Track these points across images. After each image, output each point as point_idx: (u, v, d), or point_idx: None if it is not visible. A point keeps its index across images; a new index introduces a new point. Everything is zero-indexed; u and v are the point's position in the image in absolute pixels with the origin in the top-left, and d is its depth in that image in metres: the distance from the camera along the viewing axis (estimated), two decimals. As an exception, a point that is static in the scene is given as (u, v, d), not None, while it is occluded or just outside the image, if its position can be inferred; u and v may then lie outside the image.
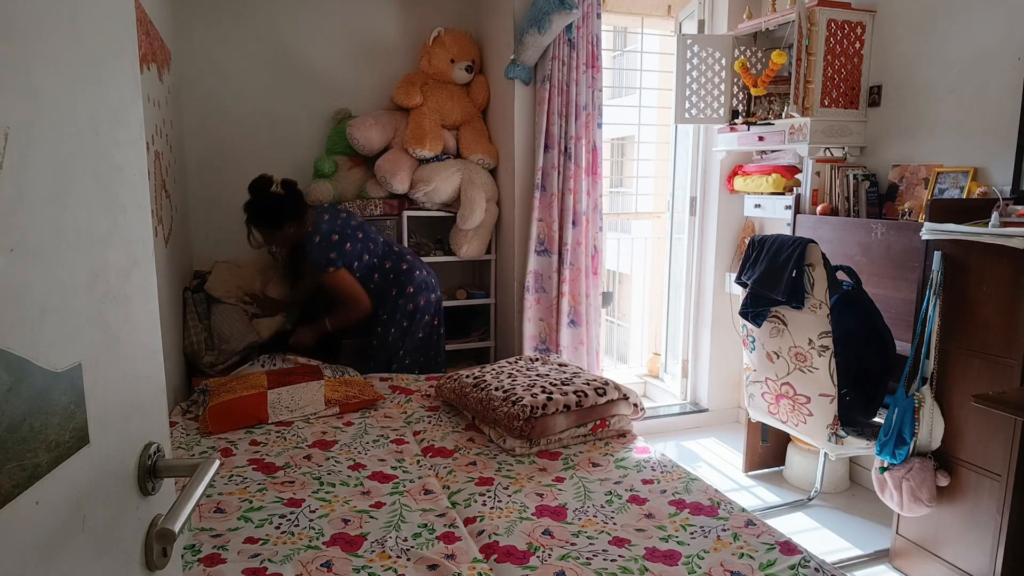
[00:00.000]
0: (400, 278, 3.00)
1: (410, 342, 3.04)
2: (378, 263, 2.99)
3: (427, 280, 3.08)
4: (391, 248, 3.08)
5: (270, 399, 2.38)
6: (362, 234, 2.94)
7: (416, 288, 3.01)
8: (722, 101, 3.37)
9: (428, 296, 3.06)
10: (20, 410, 0.52)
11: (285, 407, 2.39)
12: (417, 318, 3.03)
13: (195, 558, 1.51)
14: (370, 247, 2.96)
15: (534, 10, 3.06)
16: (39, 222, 0.55)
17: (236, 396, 2.35)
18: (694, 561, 1.56)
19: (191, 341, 2.86)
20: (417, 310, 3.02)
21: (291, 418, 2.38)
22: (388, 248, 3.06)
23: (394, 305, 2.99)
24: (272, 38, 3.41)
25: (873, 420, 2.58)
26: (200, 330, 2.89)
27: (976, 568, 2.14)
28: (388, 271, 3.00)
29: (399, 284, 3.00)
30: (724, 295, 3.72)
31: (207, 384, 2.54)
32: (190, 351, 2.86)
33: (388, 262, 3.01)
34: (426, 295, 3.05)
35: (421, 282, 3.05)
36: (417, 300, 3.01)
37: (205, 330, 2.91)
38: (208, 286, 3.04)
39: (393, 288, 2.99)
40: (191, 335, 2.86)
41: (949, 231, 2.12)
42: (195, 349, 2.86)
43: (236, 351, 2.92)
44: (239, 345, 2.92)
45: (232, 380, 2.52)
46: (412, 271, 3.04)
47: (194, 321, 2.89)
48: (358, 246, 2.91)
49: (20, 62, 0.53)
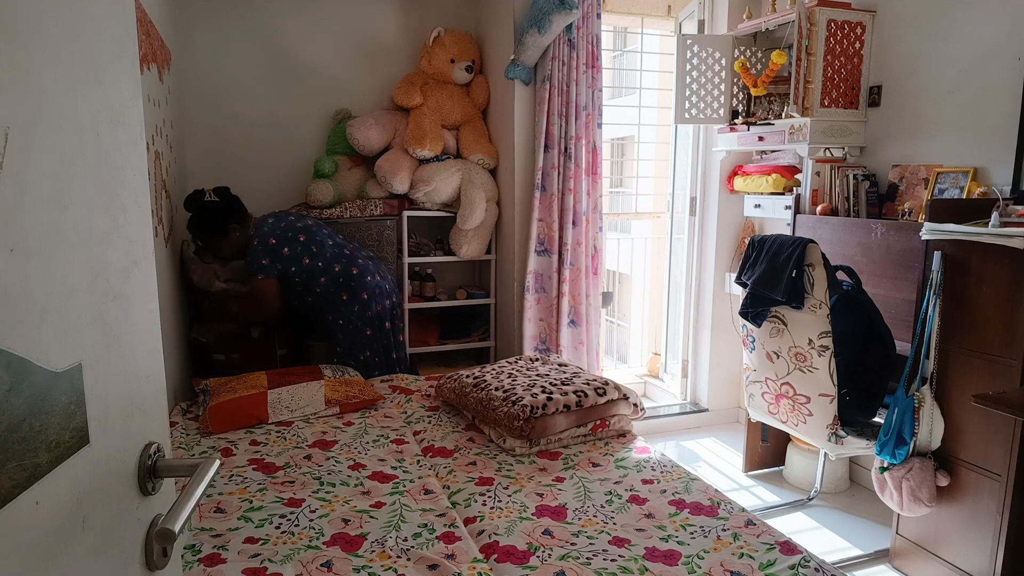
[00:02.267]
0: (350, 283, 2.91)
1: (370, 346, 2.99)
2: (324, 266, 2.87)
3: (381, 286, 3.00)
4: (342, 251, 2.96)
5: (270, 399, 2.38)
6: (305, 237, 2.84)
7: (370, 295, 2.94)
8: (722, 101, 3.37)
9: (383, 302, 2.99)
10: (20, 410, 0.52)
11: (285, 407, 2.39)
12: (376, 324, 2.97)
13: (195, 558, 1.51)
14: (312, 250, 2.85)
15: (534, 10, 3.06)
16: (39, 222, 0.55)
17: (236, 396, 2.36)
18: (694, 561, 1.56)
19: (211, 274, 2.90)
20: (375, 316, 2.96)
21: (291, 418, 2.38)
22: (338, 251, 2.94)
23: (348, 310, 2.91)
24: (272, 38, 3.41)
25: (873, 420, 2.58)
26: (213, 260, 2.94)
27: (976, 568, 2.14)
28: (337, 274, 2.89)
29: (350, 289, 2.91)
30: (724, 295, 3.72)
31: (207, 384, 2.54)
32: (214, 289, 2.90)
33: (337, 265, 2.90)
34: (382, 301, 2.98)
35: (374, 287, 2.96)
36: (373, 306, 2.95)
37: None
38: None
39: (344, 292, 2.90)
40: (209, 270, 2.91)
41: (949, 231, 2.12)
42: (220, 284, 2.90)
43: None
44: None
45: (233, 380, 2.52)
46: (364, 276, 2.94)
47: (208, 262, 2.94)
48: (298, 249, 2.81)
49: (20, 62, 0.53)
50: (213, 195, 2.78)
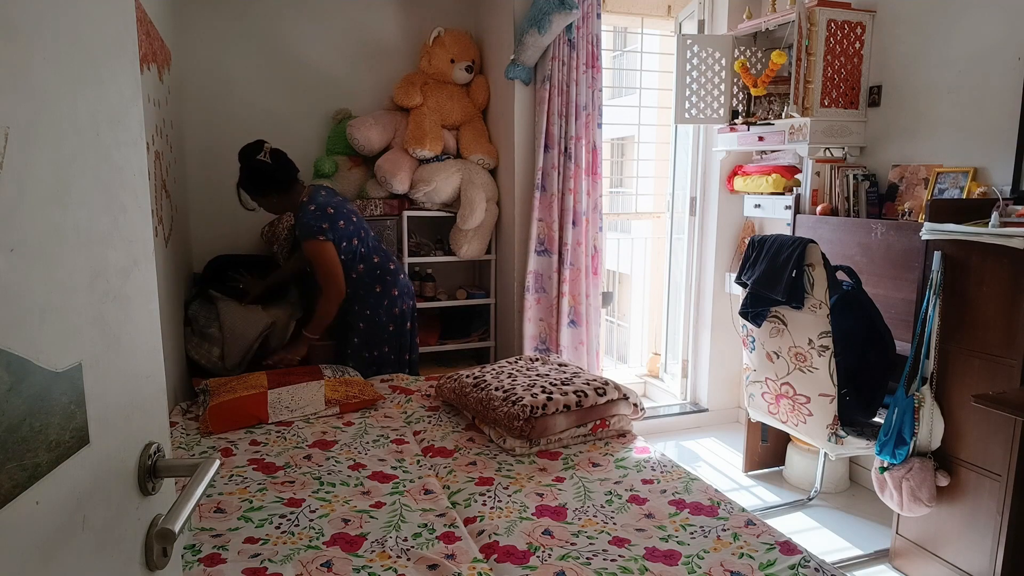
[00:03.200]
0: (386, 277, 2.94)
1: (389, 342, 3.00)
2: (366, 253, 2.89)
3: (408, 285, 3.05)
4: (380, 245, 3.02)
5: (270, 399, 2.38)
6: (356, 219, 2.88)
7: (400, 292, 2.97)
8: (722, 101, 3.37)
9: (409, 302, 3.02)
10: (20, 410, 0.52)
11: (285, 407, 2.39)
12: (399, 322, 2.99)
13: (195, 558, 1.51)
14: (360, 235, 2.88)
15: (534, 10, 3.06)
16: (39, 222, 0.55)
17: (236, 396, 2.35)
18: (694, 561, 1.56)
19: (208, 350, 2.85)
20: (401, 314, 2.98)
21: (291, 418, 2.38)
22: (377, 244, 3.00)
23: (378, 303, 2.93)
24: (272, 38, 3.41)
25: (873, 420, 2.58)
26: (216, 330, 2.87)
27: (976, 568, 2.14)
28: (375, 266, 2.92)
29: (384, 283, 2.93)
30: (724, 295, 3.72)
31: (207, 384, 2.53)
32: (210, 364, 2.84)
33: (376, 257, 2.93)
34: (408, 301, 3.02)
35: (404, 286, 3.00)
36: (401, 304, 2.97)
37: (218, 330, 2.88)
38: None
39: (378, 285, 2.92)
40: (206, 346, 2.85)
41: (949, 231, 2.12)
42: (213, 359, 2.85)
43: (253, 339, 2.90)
44: (254, 332, 2.90)
45: (233, 380, 2.52)
46: (398, 274, 2.98)
47: (208, 323, 2.87)
48: (350, 228, 2.81)
49: (20, 62, 0.53)
50: (268, 156, 2.70)
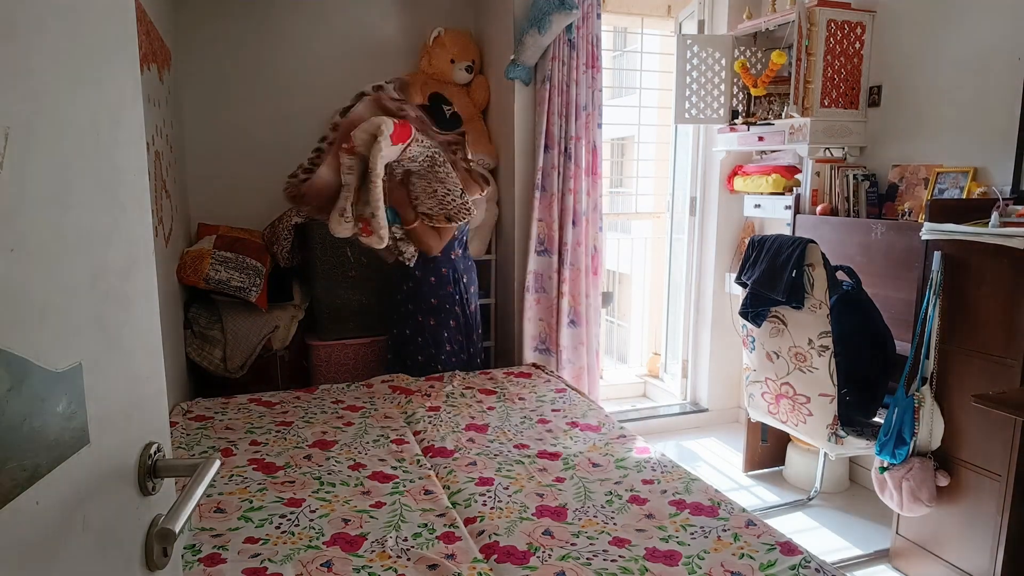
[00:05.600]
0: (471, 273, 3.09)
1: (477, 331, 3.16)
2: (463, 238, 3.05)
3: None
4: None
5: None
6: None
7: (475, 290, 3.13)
8: (722, 101, 3.37)
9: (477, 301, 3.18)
10: (20, 410, 0.52)
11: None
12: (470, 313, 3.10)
13: (195, 558, 1.51)
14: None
15: (534, 10, 3.06)
16: (39, 222, 0.55)
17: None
18: (694, 561, 1.56)
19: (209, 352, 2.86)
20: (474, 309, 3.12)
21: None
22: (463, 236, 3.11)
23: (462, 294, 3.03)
24: (272, 38, 3.40)
25: (873, 420, 2.58)
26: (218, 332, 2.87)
27: (976, 568, 2.14)
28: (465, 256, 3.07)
29: (469, 273, 3.07)
30: (724, 295, 3.72)
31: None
32: (212, 366, 2.85)
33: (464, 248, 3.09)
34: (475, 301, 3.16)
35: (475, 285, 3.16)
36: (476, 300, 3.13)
37: (221, 332, 2.88)
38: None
39: (464, 276, 3.04)
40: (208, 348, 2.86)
41: (949, 231, 2.12)
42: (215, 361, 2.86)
43: (256, 342, 2.91)
44: (257, 335, 2.91)
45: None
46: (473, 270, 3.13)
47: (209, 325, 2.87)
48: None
49: (20, 62, 0.53)
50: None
